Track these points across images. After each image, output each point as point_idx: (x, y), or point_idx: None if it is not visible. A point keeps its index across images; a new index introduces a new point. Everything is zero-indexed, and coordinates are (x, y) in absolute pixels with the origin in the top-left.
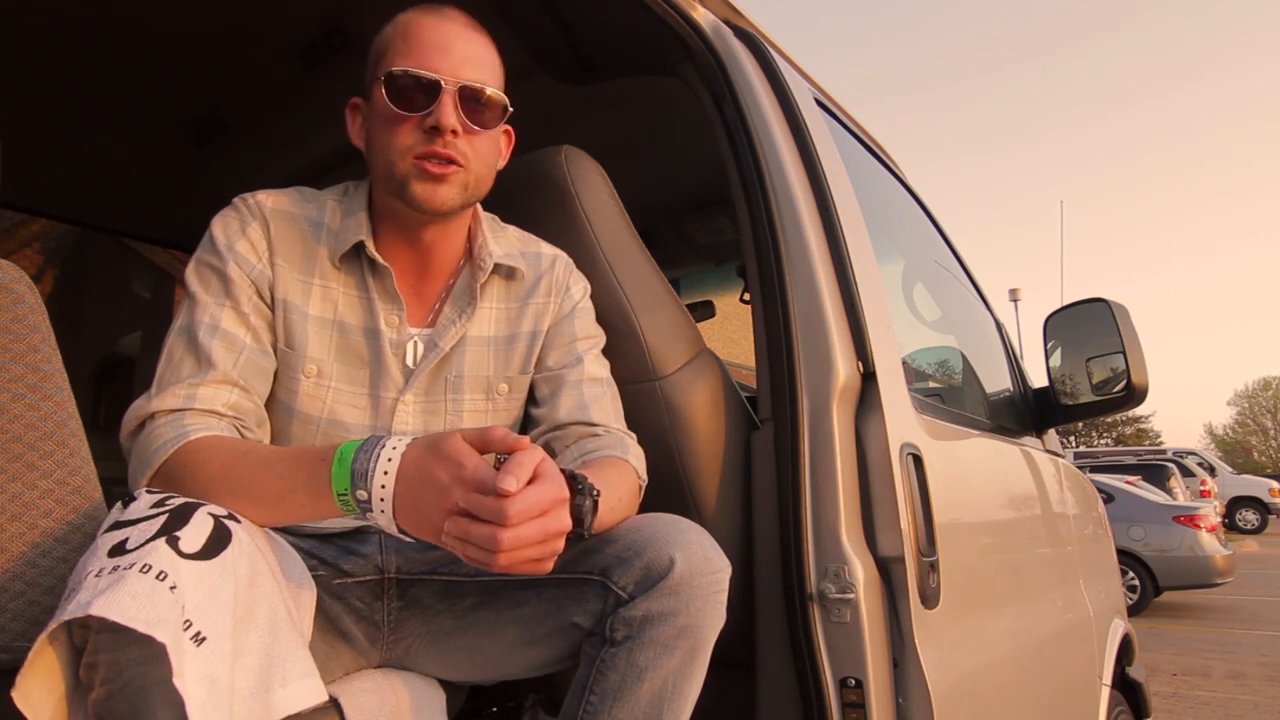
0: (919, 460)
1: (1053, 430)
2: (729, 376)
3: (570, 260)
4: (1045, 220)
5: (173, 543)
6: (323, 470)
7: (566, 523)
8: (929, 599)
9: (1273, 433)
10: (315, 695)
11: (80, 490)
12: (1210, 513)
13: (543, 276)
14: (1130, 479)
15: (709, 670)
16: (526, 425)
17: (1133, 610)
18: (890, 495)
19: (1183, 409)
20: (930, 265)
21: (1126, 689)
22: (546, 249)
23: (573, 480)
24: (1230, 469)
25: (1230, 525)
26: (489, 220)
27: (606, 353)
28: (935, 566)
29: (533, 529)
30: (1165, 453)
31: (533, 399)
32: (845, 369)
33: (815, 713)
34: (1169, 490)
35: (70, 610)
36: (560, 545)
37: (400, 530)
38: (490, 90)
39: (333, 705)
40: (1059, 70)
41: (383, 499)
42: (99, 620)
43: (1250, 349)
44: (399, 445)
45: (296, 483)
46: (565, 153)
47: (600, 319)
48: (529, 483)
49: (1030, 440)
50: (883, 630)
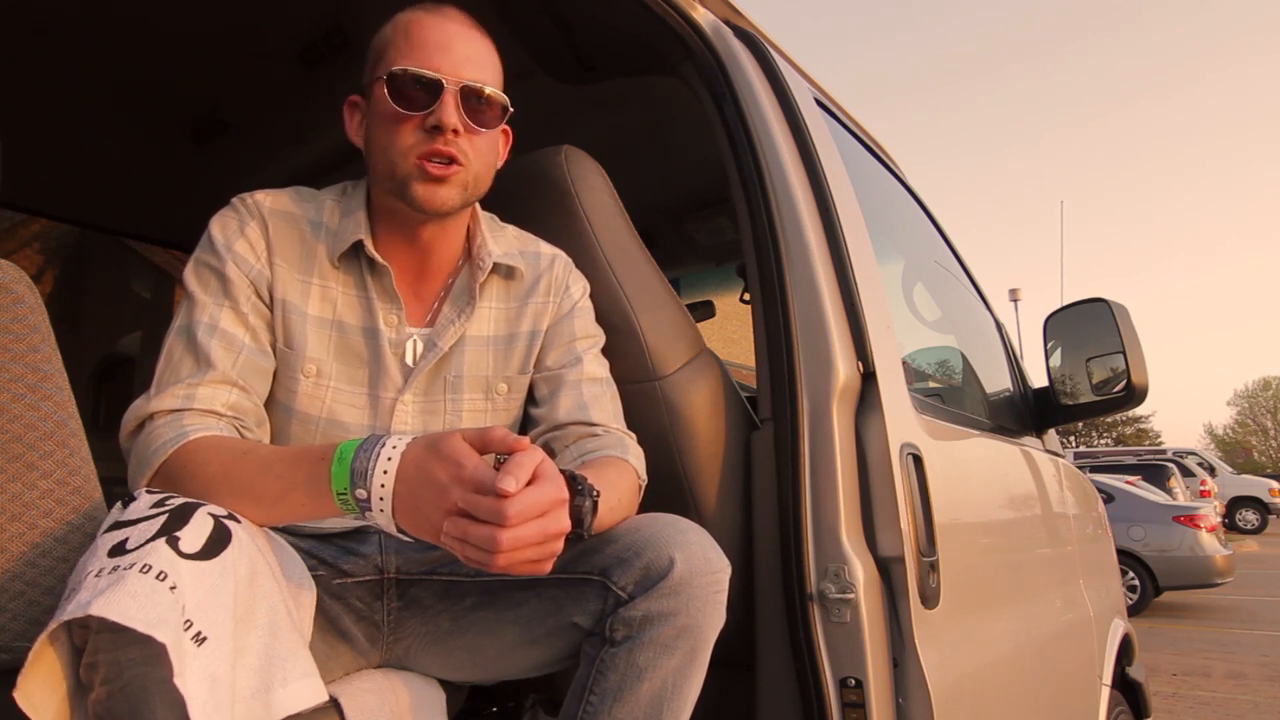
0: (919, 460)
1: (1053, 430)
2: (729, 376)
3: (569, 260)
4: (1045, 220)
5: (173, 543)
6: (322, 469)
7: (566, 524)
8: (929, 599)
9: (1273, 433)
10: (315, 695)
11: (80, 490)
12: (1210, 513)
13: (542, 276)
14: (1130, 479)
15: (709, 670)
16: (526, 425)
17: (1133, 610)
18: (890, 495)
19: (1183, 409)
20: (930, 265)
21: (1126, 689)
22: (545, 248)
23: (572, 481)
24: (1230, 469)
25: (1230, 525)
26: (488, 220)
27: (606, 352)
28: (935, 566)
29: (531, 530)
30: (1165, 453)
31: (532, 399)
32: (845, 369)
33: (815, 713)
34: (1169, 490)
35: (70, 610)
36: (559, 546)
37: (399, 530)
38: (491, 90)
39: (333, 705)
40: (1059, 70)
41: (382, 498)
42: (99, 620)
43: (1250, 349)
44: (399, 444)
45: (296, 482)
46: (565, 153)
47: (600, 319)
48: (528, 484)
49: (1030, 440)
50: (883, 630)
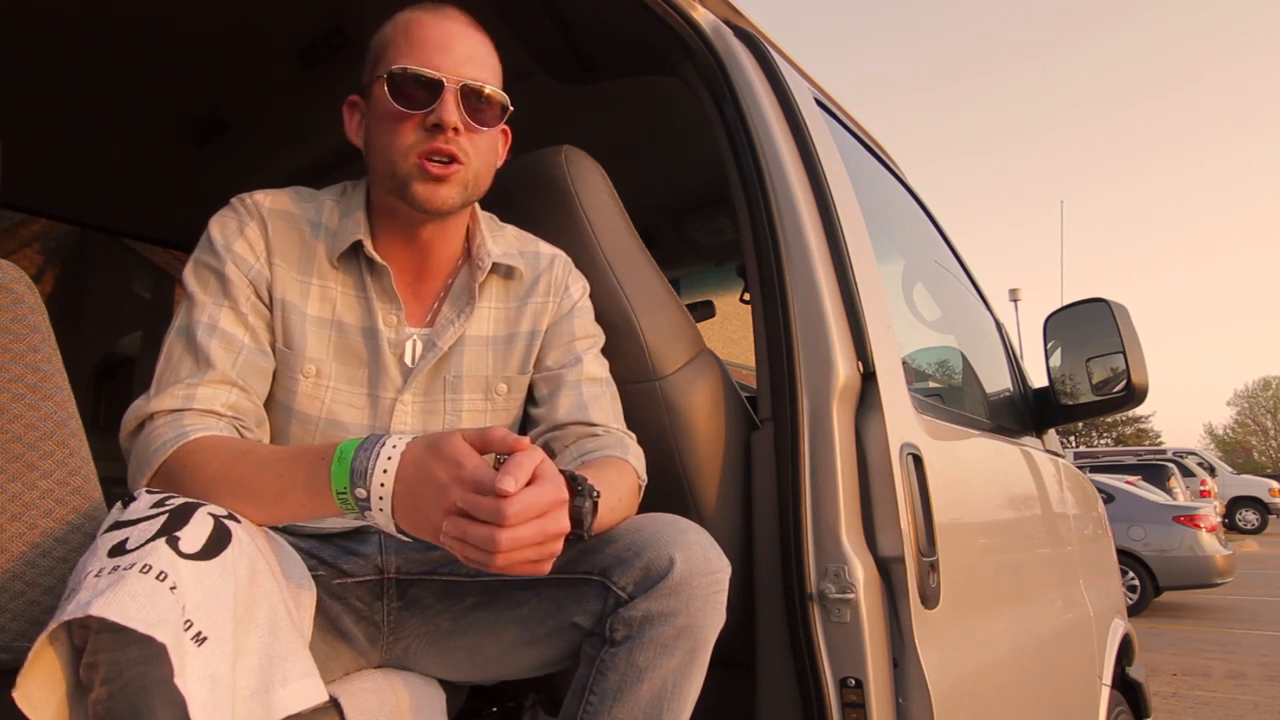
0: (919, 460)
1: (1053, 430)
2: (729, 376)
3: (569, 259)
4: (1045, 220)
5: (173, 543)
6: (322, 468)
7: (565, 525)
8: (929, 599)
9: (1273, 433)
10: (315, 695)
11: (80, 490)
12: (1210, 513)
13: (541, 276)
14: (1130, 479)
15: (709, 670)
16: (525, 425)
17: (1133, 610)
18: (890, 495)
19: (1183, 409)
20: (930, 265)
21: (1126, 689)
22: (545, 248)
23: (572, 482)
24: (1230, 469)
25: (1230, 525)
26: (487, 219)
27: (606, 352)
28: (935, 566)
29: (531, 530)
30: (1165, 453)
31: (531, 399)
32: (845, 369)
33: (815, 713)
34: (1169, 490)
35: (70, 610)
36: (559, 547)
37: (398, 530)
38: (491, 88)
39: (333, 705)
40: (1059, 70)
41: (381, 497)
42: (99, 620)
43: (1250, 349)
44: (399, 444)
45: (296, 481)
46: (565, 153)
47: (600, 319)
48: (528, 484)
49: (1030, 440)
50: (883, 630)
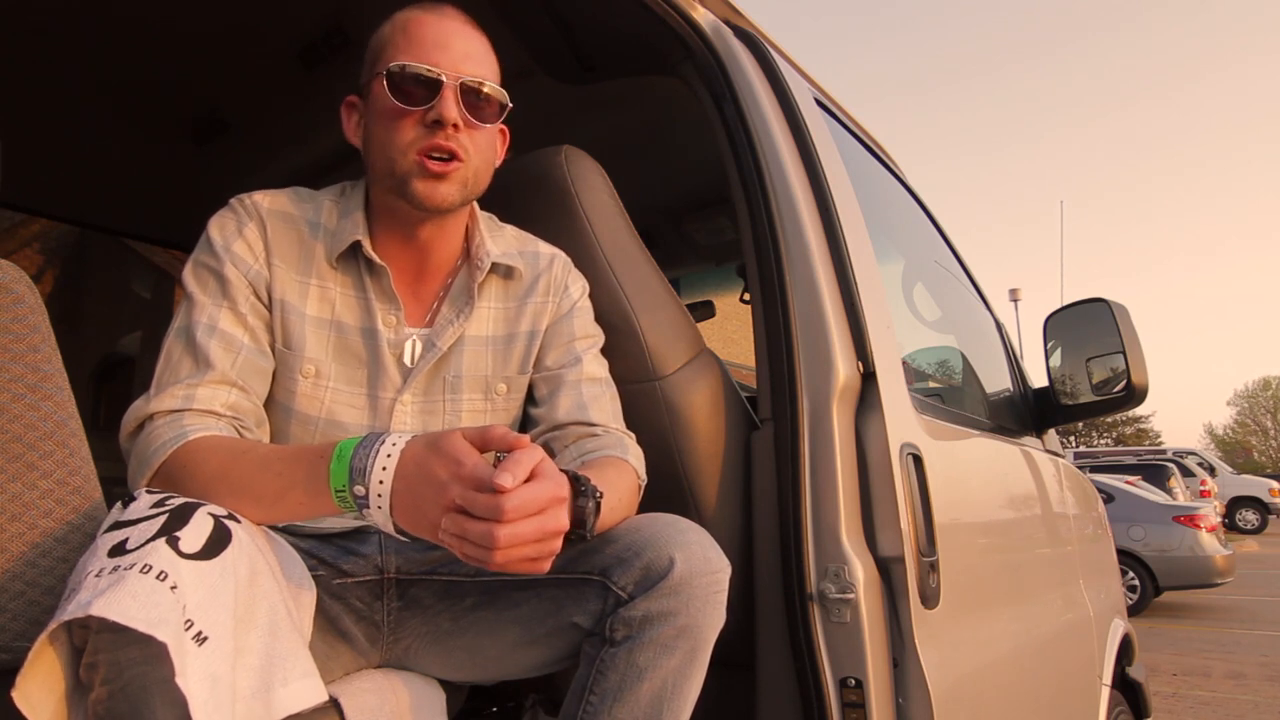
0: (919, 460)
1: (1053, 430)
2: (729, 376)
3: (568, 259)
4: (1045, 220)
5: (173, 543)
6: (321, 467)
7: (564, 522)
8: (929, 599)
9: (1273, 433)
10: (316, 695)
11: (80, 490)
12: (1210, 513)
13: (541, 275)
14: (1130, 479)
15: (709, 670)
16: (525, 425)
17: (1133, 610)
18: (890, 495)
19: (1183, 409)
20: (930, 265)
21: (1126, 689)
22: (544, 248)
23: (575, 481)
24: (1230, 469)
25: (1230, 525)
26: (486, 219)
27: (606, 352)
28: (935, 566)
29: (529, 527)
30: (1165, 453)
31: (531, 399)
32: (845, 369)
33: (815, 713)
34: (1169, 490)
35: (70, 610)
36: (557, 545)
37: (397, 528)
38: (490, 85)
39: (333, 705)
40: (1059, 70)
41: (380, 494)
42: (99, 620)
43: (1250, 349)
44: (399, 442)
45: (295, 480)
46: (565, 153)
47: (600, 319)
48: (527, 481)
49: (1030, 440)
50: (883, 630)
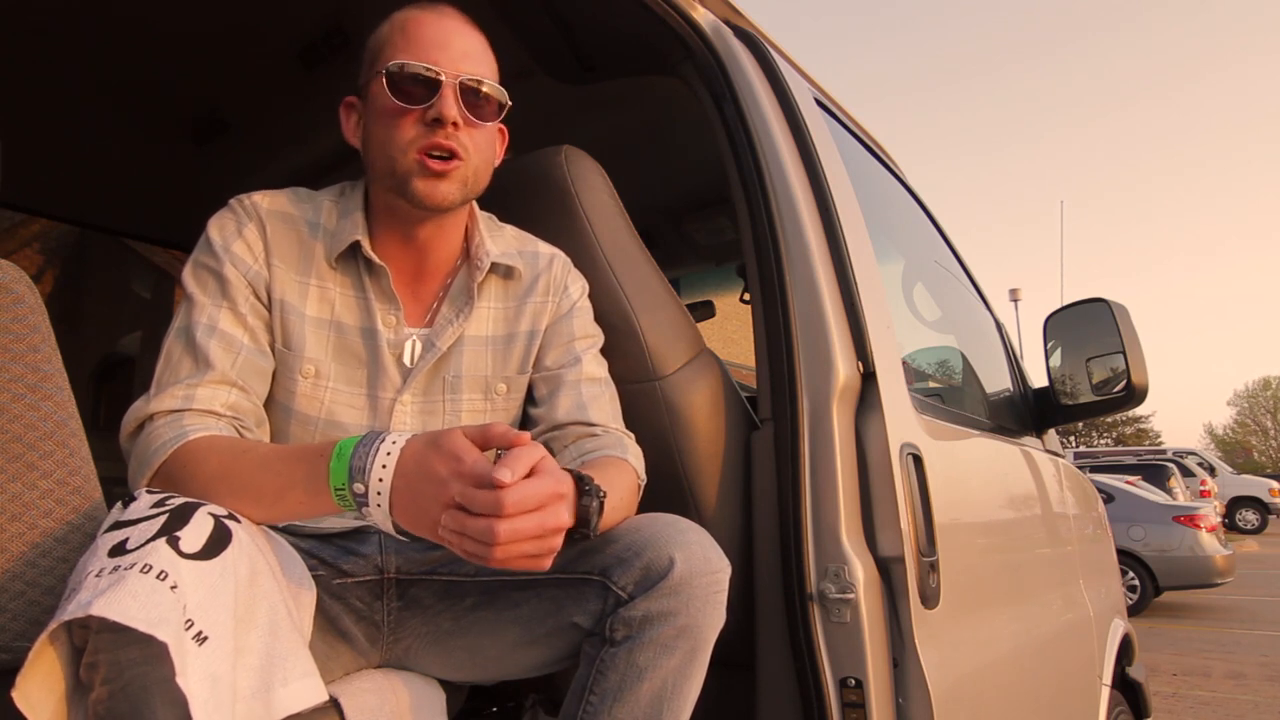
0: (919, 460)
1: (1053, 430)
2: (729, 376)
3: (568, 259)
4: (1045, 220)
5: (173, 543)
6: (321, 465)
7: (564, 519)
8: (929, 599)
9: (1273, 433)
10: (316, 695)
11: (80, 490)
12: (1210, 513)
13: (540, 275)
14: (1130, 479)
15: (709, 670)
16: (525, 425)
17: (1133, 610)
18: (890, 495)
19: (1183, 409)
20: (930, 265)
21: (1126, 689)
22: (544, 248)
23: (579, 480)
24: (1230, 469)
25: (1230, 525)
26: (486, 219)
27: (606, 352)
28: (935, 566)
29: (529, 523)
30: (1165, 453)
31: (530, 399)
32: (845, 369)
33: (815, 713)
34: (1169, 490)
35: (70, 610)
36: (558, 542)
37: (395, 527)
38: (489, 84)
39: (333, 705)
40: (1059, 70)
41: (379, 492)
42: (99, 620)
43: (1250, 349)
44: (398, 440)
45: (295, 478)
46: (565, 153)
47: (600, 319)
48: (527, 476)
49: (1030, 440)
50: (883, 630)
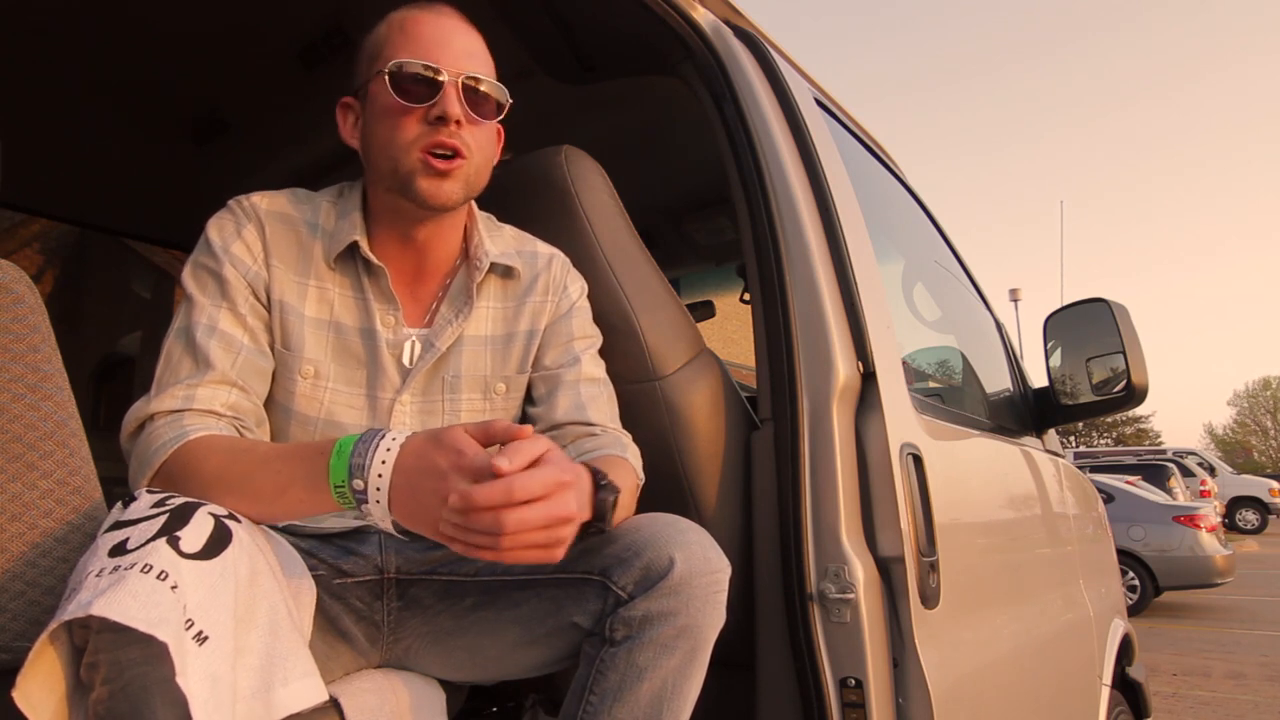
0: (919, 460)
1: (1053, 430)
2: (729, 376)
3: (567, 259)
4: (1045, 220)
5: (173, 542)
6: (321, 463)
7: (572, 507)
8: (929, 599)
9: (1273, 433)
10: (316, 694)
11: (80, 490)
12: (1210, 513)
13: (539, 275)
14: (1130, 479)
15: (709, 670)
16: (523, 424)
17: (1133, 610)
18: (890, 495)
19: (1183, 409)
20: (930, 265)
21: (1126, 689)
22: (543, 248)
23: (594, 474)
24: (1230, 469)
25: (1230, 525)
26: (485, 219)
27: (607, 352)
28: (935, 566)
29: (536, 512)
30: (1165, 453)
31: (529, 398)
32: (845, 369)
33: (815, 713)
34: (1169, 490)
35: (71, 610)
36: (568, 533)
37: (395, 525)
38: (490, 82)
39: (333, 705)
40: (1059, 70)
41: (379, 488)
42: (100, 620)
43: (1250, 349)
44: (398, 437)
45: (295, 477)
46: (565, 153)
47: (600, 319)
48: (532, 466)
49: (1030, 440)
50: (883, 630)
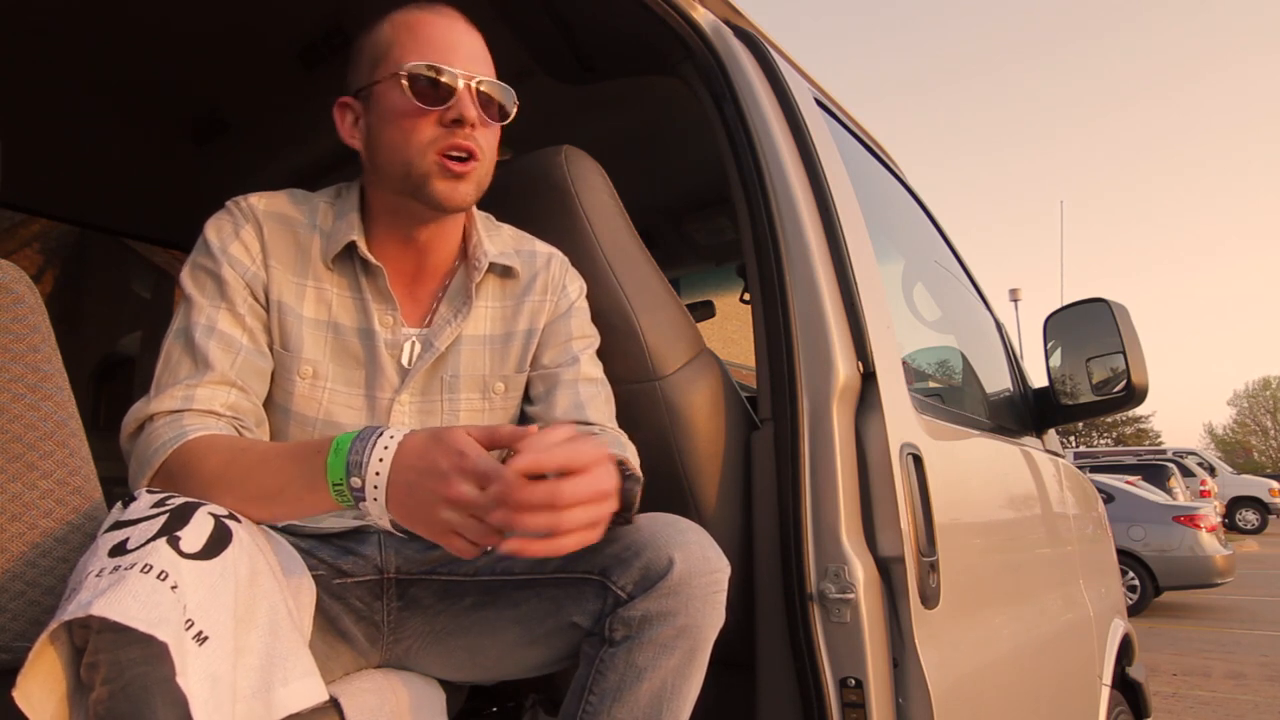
0: (919, 460)
1: (1053, 430)
2: (729, 376)
3: (566, 259)
4: (1045, 220)
5: (173, 542)
6: (319, 461)
7: (615, 481)
8: (929, 599)
9: (1273, 433)
10: (316, 694)
11: (80, 490)
12: (1210, 513)
13: (538, 274)
14: (1130, 479)
15: (709, 670)
16: (522, 424)
17: (1133, 610)
18: (890, 495)
19: (1183, 409)
20: (930, 265)
21: (1126, 689)
22: (542, 247)
23: (619, 464)
24: (1230, 469)
25: (1230, 525)
26: (484, 219)
27: (606, 352)
28: (935, 566)
29: (583, 486)
30: (1165, 453)
31: (527, 397)
32: (845, 369)
33: (815, 713)
34: (1169, 490)
35: (71, 610)
36: (609, 512)
37: (392, 523)
38: (501, 84)
39: (333, 705)
40: (1059, 70)
41: (376, 486)
42: (100, 620)
43: (1250, 349)
44: (396, 435)
45: (294, 475)
46: (565, 153)
47: (600, 319)
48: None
49: (1030, 440)
50: (883, 630)
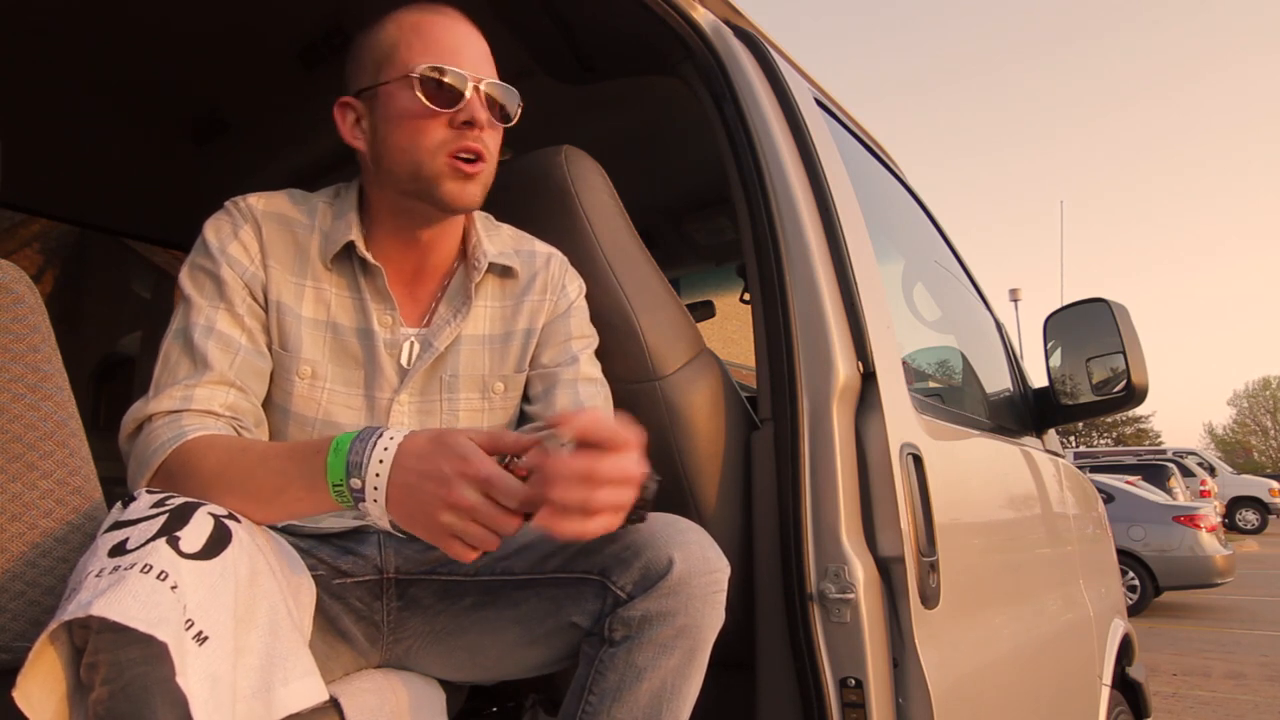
0: (919, 460)
1: (1053, 430)
2: (729, 376)
3: (565, 259)
4: (1045, 220)
5: (173, 542)
6: (319, 461)
7: (644, 467)
8: (929, 599)
9: (1273, 433)
10: (316, 694)
11: (80, 490)
12: (1210, 513)
13: (538, 274)
14: (1130, 479)
15: (709, 670)
16: (521, 423)
17: (1133, 610)
18: (890, 495)
19: (1183, 409)
20: (930, 265)
21: (1126, 689)
22: (541, 247)
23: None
24: (1230, 469)
25: (1230, 525)
26: (483, 219)
27: (606, 352)
28: (935, 566)
29: (620, 463)
30: (1165, 453)
31: (526, 397)
32: (845, 369)
33: (815, 713)
34: (1169, 490)
35: (71, 610)
36: (632, 499)
37: (391, 524)
38: (508, 88)
39: (333, 705)
40: (1059, 70)
41: (376, 487)
42: (100, 620)
43: (1250, 349)
44: (396, 436)
45: (293, 475)
46: (565, 153)
47: (600, 319)
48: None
49: (1030, 440)
50: (883, 630)
